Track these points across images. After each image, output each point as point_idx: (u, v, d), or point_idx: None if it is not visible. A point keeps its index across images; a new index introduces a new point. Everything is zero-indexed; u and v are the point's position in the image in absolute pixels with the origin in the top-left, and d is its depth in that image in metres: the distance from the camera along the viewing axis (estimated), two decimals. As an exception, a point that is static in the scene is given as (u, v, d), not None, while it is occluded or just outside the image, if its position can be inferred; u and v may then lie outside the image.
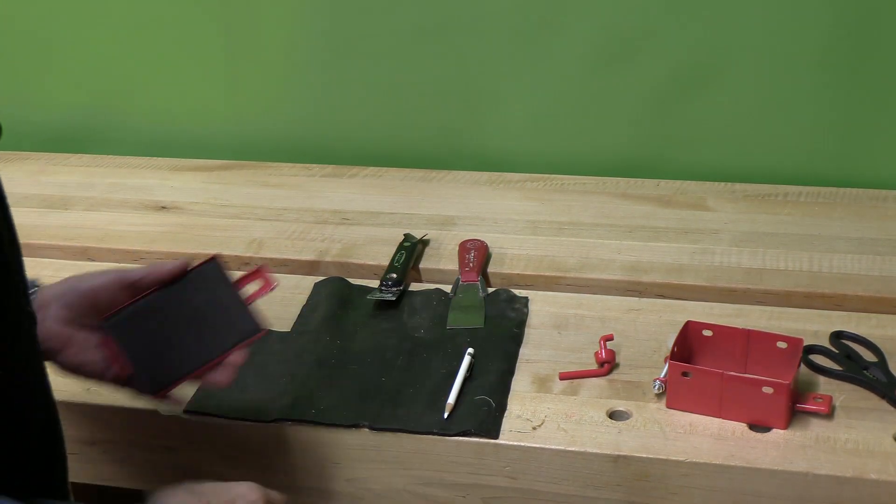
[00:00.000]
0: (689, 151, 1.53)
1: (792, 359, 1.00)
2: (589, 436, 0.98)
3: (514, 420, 1.00)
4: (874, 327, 1.13)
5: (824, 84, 1.45)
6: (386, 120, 1.61)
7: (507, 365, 1.08)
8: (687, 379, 0.99)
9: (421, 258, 1.29)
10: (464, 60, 1.55)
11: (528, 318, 1.17)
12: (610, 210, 1.40)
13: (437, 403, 1.02)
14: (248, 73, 1.64)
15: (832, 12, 1.40)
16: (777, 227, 1.34)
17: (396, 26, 1.55)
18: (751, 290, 1.20)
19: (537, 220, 1.38)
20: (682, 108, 1.50)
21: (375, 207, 1.44)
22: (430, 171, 1.56)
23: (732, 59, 1.46)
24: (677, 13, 1.45)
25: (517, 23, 1.50)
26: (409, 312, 1.18)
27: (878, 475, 0.91)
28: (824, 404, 0.98)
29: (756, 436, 0.96)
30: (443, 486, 1.01)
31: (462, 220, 1.39)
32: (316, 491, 1.05)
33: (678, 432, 0.97)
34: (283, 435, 1.03)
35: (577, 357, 1.09)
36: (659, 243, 1.31)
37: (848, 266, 1.23)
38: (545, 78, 1.53)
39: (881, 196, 1.41)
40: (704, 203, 1.42)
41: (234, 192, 1.51)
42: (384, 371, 1.08)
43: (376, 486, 1.03)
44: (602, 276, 1.23)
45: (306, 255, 1.31)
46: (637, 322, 1.16)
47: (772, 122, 1.49)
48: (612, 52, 1.49)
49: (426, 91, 1.58)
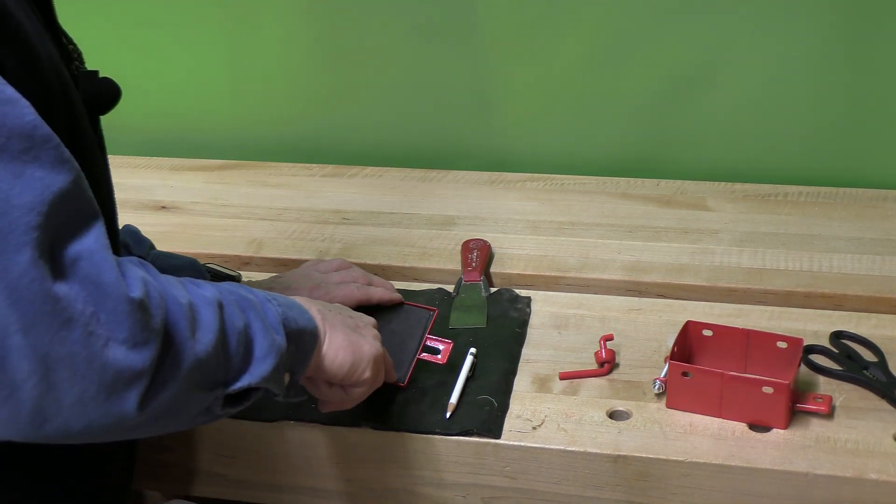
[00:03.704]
0: (689, 151, 1.53)
1: (792, 359, 1.00)
2: (589, 436, 0.98)
3: (514, 420, 1.00)
4: (874, 327, 1.13)
5: (824, 84, 1.45)
6: (386, 120, 1.61)
7: (510, 365, 1.08)
8: (687, 379, 0.99)
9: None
10: (464, 60, 1.55)
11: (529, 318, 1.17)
12: (610, 210, 1.40)
13: (439, 403, 1.02)
14: (248, 73, 1.64)
15: (832, 12, 1.40)
16: (777, 227, 1.34)
17: (396, 26, 1.55)
18: (751, 290, 1.20)
19: (537, 220, 1.38)
20: (682, 108, 1.50)
21: (375, 207, 1.44)
22: (430, 171, 1.56)
23: (732, 59, 1.46)
24: (677, 13, 1.45)
25: (517, 23, 1.50)
26: (410, 312, 1.18)
27: (878, 475, 0.91)
28: (824, 404, 0.98)
29: (756, 436, 0.96)
30: (443, 486, 1.01)
31: (462, 220, 1.39)
32: (316, 491, 1.05)
33: (678, 432, 0.97)
34: (283, 435, 1.03)
35: (578, 357, 1.09)
36: (659, 243, 1.31)
37: (848, 266, 1.23)
38: (545, 78, 1.53)
39: (881, 196, 1.41)
40: (704, 203, 1.42)
41: (234, 192, 1.51)
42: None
43: (376, 486, 1.03)
44: (602, 276, 1.23)
45: (306, 255, 1.31)
46: (637, 322, 1.16)
47: (772, 122, 1.49)
48: (613, 52, 1.49)
49: (426, 91, 1.58)
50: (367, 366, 0.90)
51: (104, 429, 0.69)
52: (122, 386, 0.68)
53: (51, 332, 0.64)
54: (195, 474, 1.07)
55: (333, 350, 0.88)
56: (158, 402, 0.71)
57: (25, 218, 0.64)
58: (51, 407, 0.66)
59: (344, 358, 0.88)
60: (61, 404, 0.66)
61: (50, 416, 0.66)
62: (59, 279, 0.65)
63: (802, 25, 1.42)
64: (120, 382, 0.68)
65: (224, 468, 1.06)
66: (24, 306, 0.63)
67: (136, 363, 0.68)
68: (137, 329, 0.68)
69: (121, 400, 0.68)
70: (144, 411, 0.70)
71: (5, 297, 0.63)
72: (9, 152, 0.64)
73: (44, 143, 0.66)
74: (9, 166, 0.64)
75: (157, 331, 0.70)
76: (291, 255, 1.32)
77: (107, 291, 0.67)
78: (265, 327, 0.79)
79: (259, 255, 1.32)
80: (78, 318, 0.65)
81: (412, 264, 1.29)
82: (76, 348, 0.65)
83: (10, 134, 0.65)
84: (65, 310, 0.65)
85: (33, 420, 0.66)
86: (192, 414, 0.76)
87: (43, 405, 0.65)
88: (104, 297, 0.67)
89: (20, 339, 0.63)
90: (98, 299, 0.67)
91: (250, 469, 1.05)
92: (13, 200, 0.64)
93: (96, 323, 0.66)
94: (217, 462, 1.06)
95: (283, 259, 1.31)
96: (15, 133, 0.65)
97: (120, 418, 0.69)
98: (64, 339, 0.65)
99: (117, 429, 0.70)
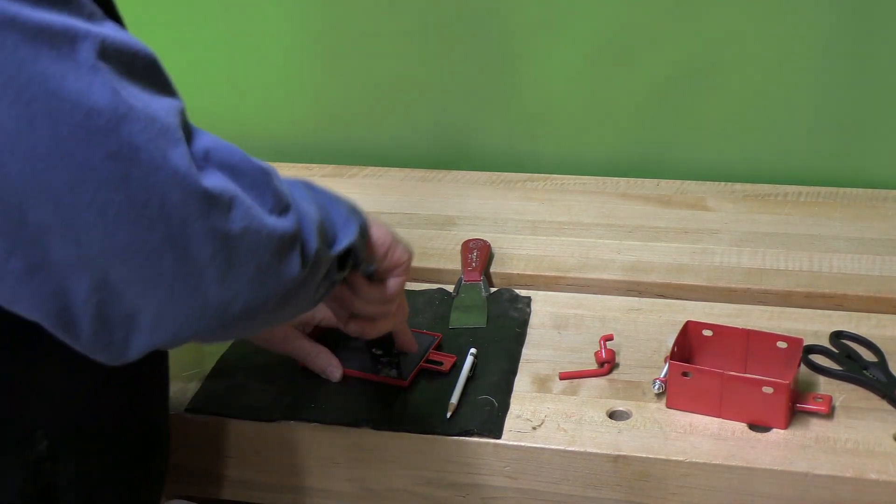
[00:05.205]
0: (689, 151, 1.53)
1: (792, 359, 1.00)
2: (589, 436, 0.98)
3: (513, 420, 1.00)
4: (874, 327, 1.13)
5: (824, 84, 1.45)
6: (386, 120, 1.61)
7: (510, 365, 1.08)
8: (687, 379, 0.99)
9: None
10: (464, 60, 1.55)
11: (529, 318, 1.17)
12: (610, 210, 1.40)
13: (440, 403, 1.02)
14: (248, 73, 1.64)
15: (832, 12, 1.40)
16: (777, 227, 1.34)
17: (396, 26, 1.55)
18: (751, 290, 1.20)
19: (537, 220, 1.38)
20: (682, 108, 1.50)
21: (375, 207, 1.44)
22: (430, 171, 1.56)
23: (732, 59, 1.46)
24: (677, 13, 1.45)
25: (517, 23, 1.51)
26: (412, 312, 1.18)
27: (878, 475, 0.91)
28: (824, 404, 0.98)
29: (756, 436, 0.96)
30: (443, 486, 1.01)
31: (462, 220, 1.39)
32: (316, 491, 1.05)
33: (678, 432, 0.97)
34: (284, 435, 1.03)
35: (577, 357, 1.09)
36: (659, 243, 1.31)
37: (848, 266, 1.23)
38: (545, 78, 1.53)
39: (881, 196, 1.41)
40: (704, 203, 1.42)
41: (235, 192, 1.51)
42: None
43: (376, 486, 1.03)
44: (602, 276, 1.23)
45: (306, 255, 1.31)
46: (637, 322, 1.16)
47: (772, 122, 1.49)
48: (613, 52, 1.49)
49: (426, 91, 1.58)
50: (403, 248, 0.95)
51: (280, 298, 0.74)
52: (286, 249, 0.73)
53: (222, 214, 0.68)
54: (195, 474, 1.07)
55: (374, 229, 0.91)
56: (310, 258, 0.76)
57: (168, 118, 0.67)
58: (234, 287, 0.70)
59: (385, 234, 0.92)
60: (242, 282, 0.70)
61: (234, 297, 0.70)
62: (203, 171, 0.69)
63: (802, 25, 1.42)
64: (284, 247, 0.73)
65: (224, 468, 1.06)
66: (195, 195, 0.67)
67: (289, 226, 0.73)
68: (278, 196, 0.73)
69: (288, 263, 0.73)
70: (306, 270, 0.75)
71: (180, 189, 0.66)
72: (137, 69, 0.67)
73: (156, 63, 0.70)
74: (140, 81, 0.67)
75: (289, 195, 0.75)
76: (291, 255, 1.32)
77: (243, 170, 0.72)
78: (332, 199, 0.85)
79: (259, 255, 1.32)
80: (235, 198, 0.69)
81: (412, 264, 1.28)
82: (245, 224, 0.70)
83: (134, 55, 0.68)
84: (222, 193, 0.68)
85: (220, 304, 0.70)
86: (319, 279, 0.80)
87: (227, 287, 0.69)
88: (243, 176, 0.72)
89: (200, 224, 0.67)
90: (239, 179, 0.71)
91: (250, 469, 1.05)
92: (153, 105, 0.67)
93: (248, 199, 0.71)
94: (217, 462, 1.06)
95: (283, 259, 1.31)
96: (138, 54, 0.68)
97: (291, 281, 0.74)
98: (233, 217, 0.69)
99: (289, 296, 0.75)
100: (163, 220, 0.66)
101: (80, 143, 0.63)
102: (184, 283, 0.67)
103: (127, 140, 0.64)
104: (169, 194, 0.65)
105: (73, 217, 0.64)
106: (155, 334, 0.69)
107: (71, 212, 0.63)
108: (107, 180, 0.64)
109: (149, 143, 0.65)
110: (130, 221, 0.65)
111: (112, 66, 0.65)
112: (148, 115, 0.65)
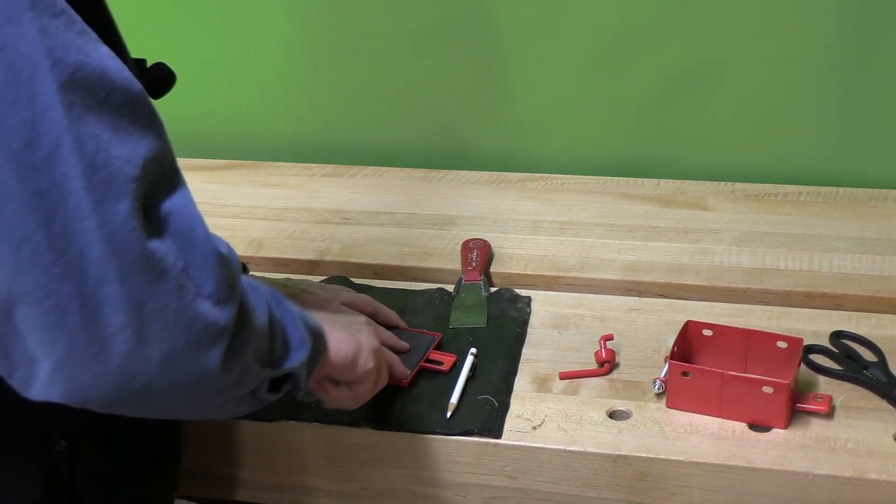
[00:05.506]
0: (689, 151, 1.53)
1: (792, 359, 1.00)
2: (589, 435, 0.98)
3: (514, 420, 1.00)
4: (874, 327, 1.13)
5: (824, 84, 1.45)
6: (386, 120, 1.61)
7: (510, 365, 1.08)
8: (687, 379, 0.99)
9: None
10: (464, 60, 1.55)
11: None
12: (610, 210, 1.40)
13: (440, 403, 1.02)
14: (248, 73, 1.63)
15: (833, 12, 1.40)
16: (777, 227, 1.34)
17: (396, 26, 1.55)
18: (751, 289, 1.20)
19: (537, 219, 1.38)
20: (682, 107, 1.50)
21: (375, 207, 1.44)
22: (430, 171, 1.56)
23: (732, 59, 1.46)
24: (677, 13, 1.45)
25: (517, 22, 1.50)
26: (412, 312, 1.18)
27: (878, 475, 0.91)
28: (824, 404, 0.98)
29: (756, 436, 0.96)
30: (443, 485, 1.01)
31: (462, 220, 1.39)
32: (316, 491, 1.05)
33: (678, 432, 0.97)
34: (283, 435, 1.03)
35: (577, 357, 1.09)
36: (659, 243, 1.31)
37: (848, 266, 1.23)
38: (545, 78, 1.53)
39: (881, 196, 1.41)
40: (704, 203, 1.42)
41: (234, 192, 1.51)
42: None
43: (376, 486, 1.03)
44: (602, 276, 1.23)
45: (306, 255, 1.31)
46: (637, 322, 1.16)
47: (772, 122, 1.49)
48: (613, 52, 1.49)
49: (426, 91, 1.58)
50: (369, 356, 0.91)
51: (185, 387, 0.68)
52: (207, 342, 0.68)
53: (146, 283, 0.64)
54: (195, 474, 1.07)
55: (335, 342, 0.87)
56: (235, 363, 0.70)
57: (124, 169, 0.64)
58: (139, 363, 0.65)
59: (347, 348, 0.88)
60: (150, 360, 0.65)
61: (137, 373, 0.65)
62: (153, 233, 0.65)
63: (802, 25, 1.42)
64: (206, 338, 0.67)
65: (224, 468, 1.06)
66: (122, 256, 0.63)
67: (221, 319, 0.68)
68: (223, 285, 0.68)
69: (205, 356, 0.68)
70: (224, 371, 0.69)
71: (104, 245, 0.62)
72: (109, 106, 0.64)
73: (139, 100, 0.67)
74: (108, 119, 0.64)
75: (237, 289, 0.70)
76: (291, 254, 1.32)
77: (197, 245, 0.67)
78: (294, 320, 0.80)
79: (259, 255, 1.32)
80: (170, 271, 0.65)
81: (412, 264, 1.29)
82: (168, 301, 0.65)
83: (111, 88, 0.65)
84: (159, 261, 0.65)
85: (120, 377, 0.64)
86: (241, 393, 0.75)
87: (132, 361, 0.64)
88: (194, 251, 0.67)
89: (117, 288, 0.63)
90: (188, 253, 0.67)
91: (250, 469, 1.05)
92: (113, 151, 0.64)
93: (186, 277, 0.66)
94: (217, 462, 1.06)
95: (283, 259, 1.31)
96: (116, 88, 0.65)
97: (202, 376, 0.68)
98: (157, 291, 0.64)
99: (196, 390, 0.69)
100: (78, 274, 0.62)
101: (11, 173, 0.61)
102: (86, 345, 0.63)
103: (60, 182, 0.62)
104: (89, 248, 0.62)
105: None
106: (50, 389, 0.65)
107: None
108: (29, 215, 0.61)
109: (82, 189, 0.62)
110: (44, 265, 0.62)
111: (79, 98, 0.63)
112: (94, 161, 0.63)
